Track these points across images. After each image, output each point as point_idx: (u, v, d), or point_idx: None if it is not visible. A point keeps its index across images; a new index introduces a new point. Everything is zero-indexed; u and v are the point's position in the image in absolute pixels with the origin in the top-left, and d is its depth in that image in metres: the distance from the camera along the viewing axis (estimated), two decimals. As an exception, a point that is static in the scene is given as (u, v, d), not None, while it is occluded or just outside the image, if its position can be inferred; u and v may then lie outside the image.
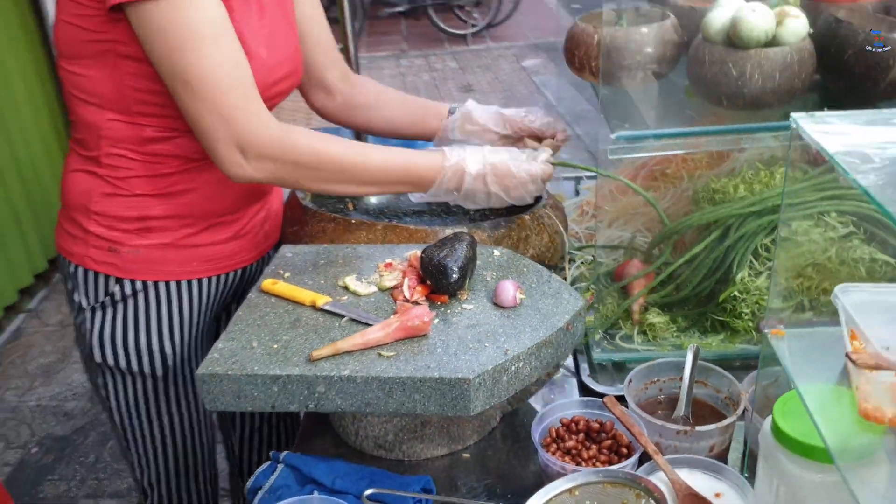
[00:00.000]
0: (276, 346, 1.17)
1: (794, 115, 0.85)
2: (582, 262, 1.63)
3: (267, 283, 1.32)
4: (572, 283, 1.60)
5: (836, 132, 0.81)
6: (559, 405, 1.23)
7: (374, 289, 1.30)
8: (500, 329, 1.17)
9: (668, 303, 1.43)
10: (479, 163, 1.39)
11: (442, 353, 1.12)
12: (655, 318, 1.39)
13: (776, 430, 0.96)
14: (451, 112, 1.62)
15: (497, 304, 1.23)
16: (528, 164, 1.41)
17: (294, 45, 1.49)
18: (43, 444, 3.04)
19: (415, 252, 1.34)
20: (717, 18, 1.27)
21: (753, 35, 1.21)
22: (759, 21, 1.21)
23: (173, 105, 1.29)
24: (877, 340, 0.79)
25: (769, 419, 0.98)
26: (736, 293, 1.31)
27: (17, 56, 3.67)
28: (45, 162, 3.80)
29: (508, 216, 1.51)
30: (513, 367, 1.12)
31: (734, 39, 1.25)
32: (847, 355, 0.78)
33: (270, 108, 1.47)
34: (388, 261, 1.36)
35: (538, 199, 1.58)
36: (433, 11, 8.45)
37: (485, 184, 1.40)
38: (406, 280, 1.27)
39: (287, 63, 1.46)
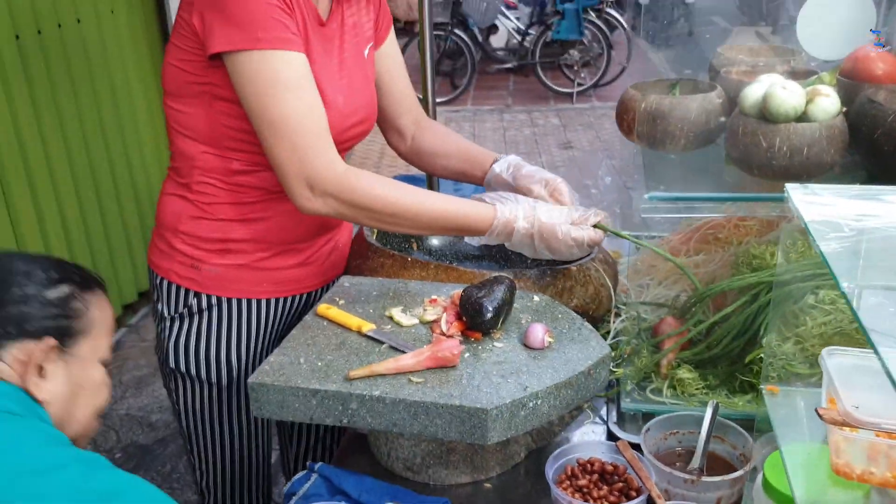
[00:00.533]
0: (320, 363, 1.29)
1: (787, 185, 0.92)
2: (627, 317, 1.69)
3: (322, 307, 1.45)
4: (615, 337, 1.66)
5: (820, 203, 0.87)
6: (578, 445, 1.30)
7: (415, 321, 1.40)
8: (524, 367, 1.26)
9: (700, 360, 1.47)
10: (528, 222, 1.48)
11: (466, 384, 1.22)
12: (685, 374, 1.44)
13: (766, 484, 1.00)
14: (494, 163, 1.72)
15: (526, 345, 1.32)
16: (575, 231, 1.49)
17: (369, 94, 1.63)
18: (127, 450, 3.25)
19: (458, 290, 1.44)
20: (753, 93, 1.34)
21: (782, 110, 1.28)
22: (788, 97, 1.27)
23: (259, 142, 1.45)
24: (849, 400, 0.84)
25: (762, 473, 1.02)
26: (762, 356, 1.35)
27: (144, 85, 4.00)
28: (160, 187, 4.10)
29: (555, 266, 1.59)
30: (531, 404, 1.20)
31: (766, 113, 1.31)
32: (816, 410, 0.83)
33: (347, 149, 1.61)
34: (434, 297, 1.46)
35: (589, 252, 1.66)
36: (541, 69, 8.64)
37: (531, 241, 1.49)
38: (444, 315, 1.37)
39: (362, 110, 1.60)
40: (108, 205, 3.81)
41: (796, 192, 0.89)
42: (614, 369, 1.50)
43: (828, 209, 0.85)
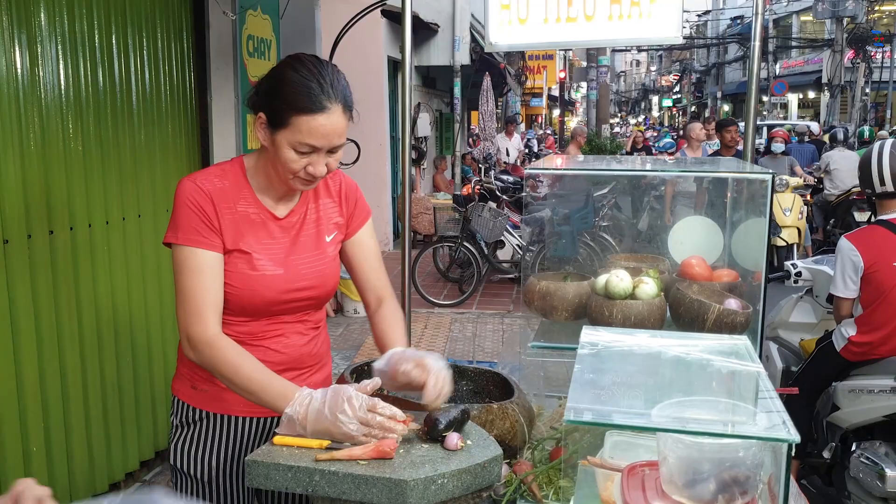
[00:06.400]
0: (297, 452, 1.82)
1: (585, 328, 1.50)
2: (537, 448, 2.21)
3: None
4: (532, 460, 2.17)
5: (596, 334, 1.45)
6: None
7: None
8: (440, 459, 1.78)
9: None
10: (303, 406, 1.86)
11: (396, 466, 1.74)
12: (566, 483, 1.94)
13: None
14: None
15: (446, 448, 1.84)
16: (342, 426, 1.80)
17: (321, 270, 2.14)
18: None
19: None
20: (601, 280, 1.96)
21: (616, 291, 1.88)
22: (619, 283, 1.89)
23: (228, 304, 2.02)
24: (606, 454, 1.38)
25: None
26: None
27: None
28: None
29: (481, 403, 2.14)
30: (440, 481, 1.71)
31: (607, 293, 1.92)
32: (586, 458, 1.37)
33: (298, 308, 2.14)
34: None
35: (510, 394, 2.21)
36: (542, 280, 9.43)
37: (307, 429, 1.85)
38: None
39: (307, 280, 2.11)
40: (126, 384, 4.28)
41: (588, 330, 1.47)
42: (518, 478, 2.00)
43: (604, 336, 1.42)
